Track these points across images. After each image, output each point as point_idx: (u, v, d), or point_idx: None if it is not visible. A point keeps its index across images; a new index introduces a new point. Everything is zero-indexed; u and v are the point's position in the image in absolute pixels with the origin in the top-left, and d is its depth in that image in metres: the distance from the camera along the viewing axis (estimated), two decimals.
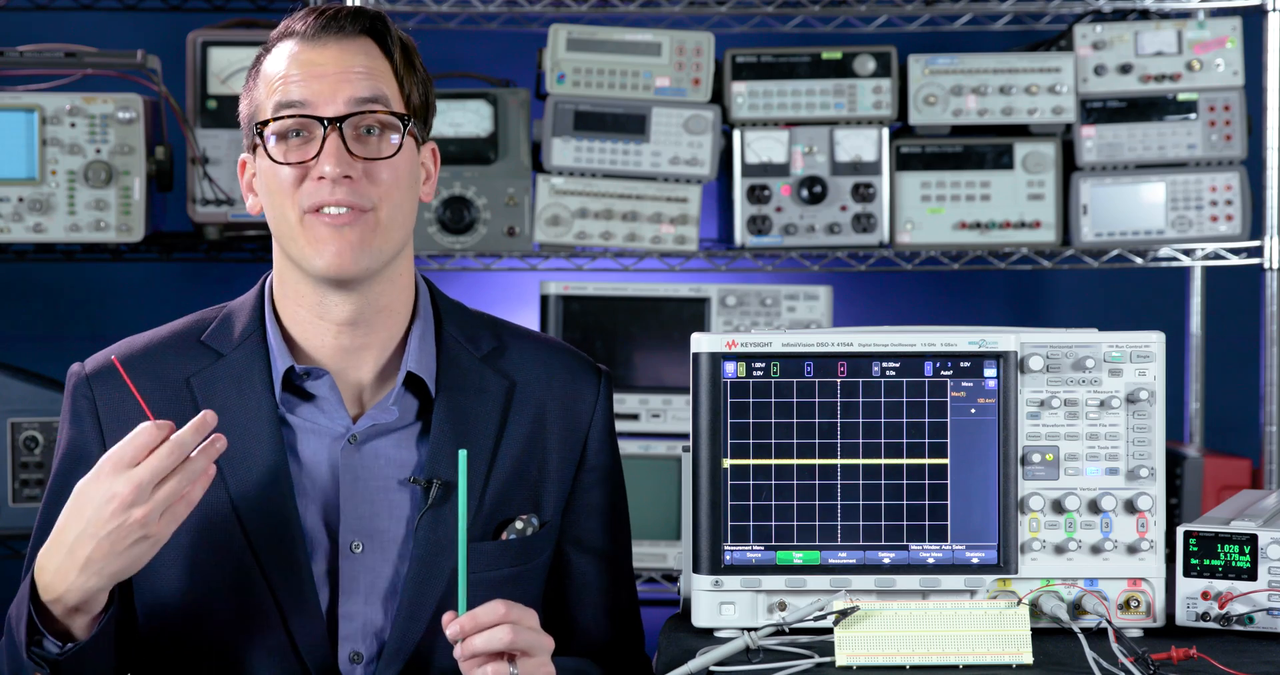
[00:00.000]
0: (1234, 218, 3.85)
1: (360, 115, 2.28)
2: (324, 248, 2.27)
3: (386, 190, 2.28)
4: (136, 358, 2.35)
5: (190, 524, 2.28)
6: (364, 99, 2.28)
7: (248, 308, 2.38)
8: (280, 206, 2.29)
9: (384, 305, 2.33)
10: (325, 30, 2.30)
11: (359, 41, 2.31)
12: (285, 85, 2.28)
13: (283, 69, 2.29)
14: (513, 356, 2.41)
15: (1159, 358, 2.35)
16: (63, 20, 4.19)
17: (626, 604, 2.48)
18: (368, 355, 2.34)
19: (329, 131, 2.26)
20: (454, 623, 2.15)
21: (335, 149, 2.26)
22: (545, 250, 3.86)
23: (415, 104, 2.33)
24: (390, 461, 2.33)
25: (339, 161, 2.25)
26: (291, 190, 2.27)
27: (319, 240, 2.27)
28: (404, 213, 2.31)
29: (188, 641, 2.30)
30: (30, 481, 3.67)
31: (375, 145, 2.29)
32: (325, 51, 2.29)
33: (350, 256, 2.27)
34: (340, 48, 2.30)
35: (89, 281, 4.36)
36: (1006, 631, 2.21)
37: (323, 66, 2.28)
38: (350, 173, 2.26)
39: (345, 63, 2.29)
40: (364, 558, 2.31)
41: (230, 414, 2.30)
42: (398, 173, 2.30)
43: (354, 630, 2.31)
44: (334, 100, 2.27)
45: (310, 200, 2.26)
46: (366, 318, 2.32)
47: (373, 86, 2.29)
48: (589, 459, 2.42)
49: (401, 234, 2.31)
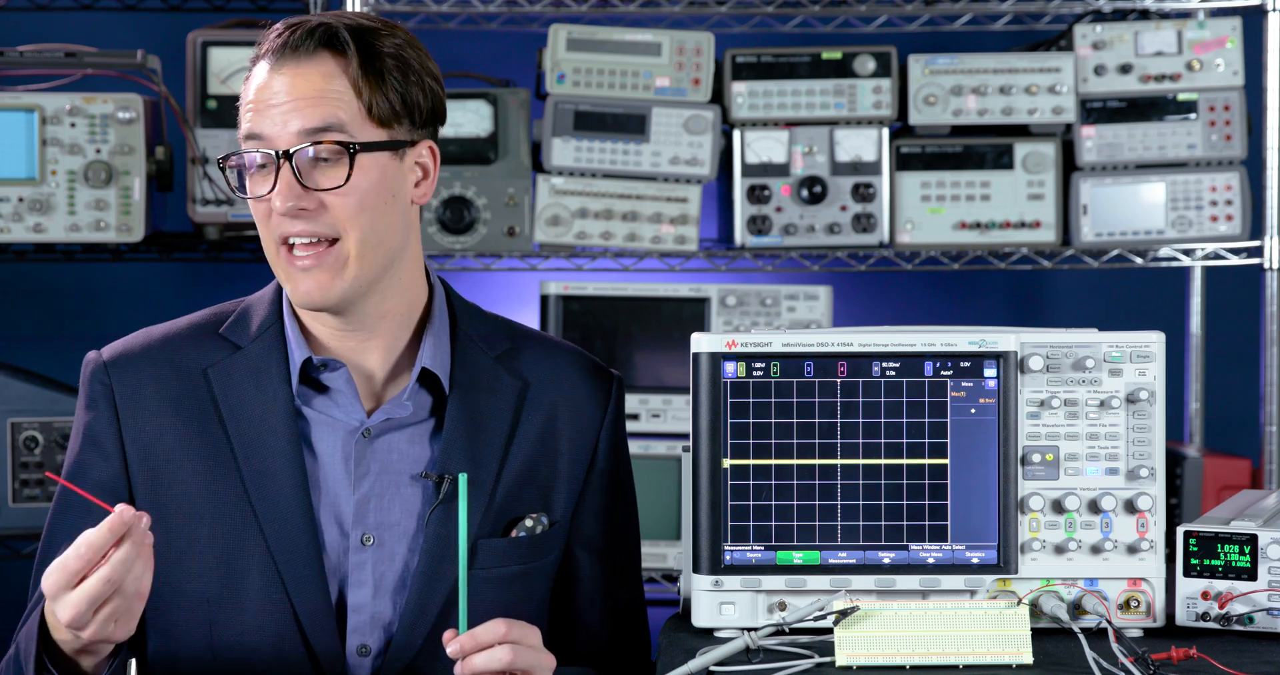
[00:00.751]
0: (1234, 218, 3.85)
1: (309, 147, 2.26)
2: (298, 283, 2.28)
3: (349, 218, 2.27)
4: (154, 347, 2.36)
5: (204, 512, 2.29)
6: (312, 130, 2.26)
7: (266, 301, 2.39)
8: (262, 235, 2.31)
9: (385, 312, 2.34)
10: (282, 52, 2.28)
11: (315, 61, 2.28)
12: (247, 115, 2.29)
13: (250, 95, 2.30)
14: (526, 358, 2.42)
15: (1159, 358, 2.35)
16: (63, 20, 4.19)
17: (632, 607, 2.48)
18: (374, 353, 2.36)
19: (281, 163, 2.26)
20: (454, 641, 2.15)
21: (285, 183, 2.26)
22: (545, 250, 3.87)
23: (383, 113, 2.29)
24: (403, 456, 2.34)
25: (289, 196, 2.25)
26: (264, 221, 2.29)
27: (291, 277, 2.29)
28: (379, 233, 2.29)
29: (198, 630, 2.31)
30: (30, 481, 3.67)
31: (331, 174, 2.27)
32: (282, 76, 2.27)
33: (321, 293, 2.28)
34: (295, 72, 2.27)
35: (89, 281, 4.36)
36: (1006, 631, 2.21)
37: (277, 95, 2.27)
38: (304, 204, 2.26)
39: (296, 90, 2.27)
40: (374, 551, 2.32)
41: (247, 405, 2.32)
42: (361, 196, 2.27)
43: (362, 623, 2.32)
44: (285, 131, 2.26)
45: (279, 231, 2.28)
46: (367, 324, 2.34)
47: (322, 115, 2.26)
48: (599, 462, 2.43)
49: (382, 254, 2.30)
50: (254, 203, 2.29)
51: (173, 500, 2.31)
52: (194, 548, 2.30)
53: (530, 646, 2.17)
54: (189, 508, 2.31)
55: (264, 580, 2.29)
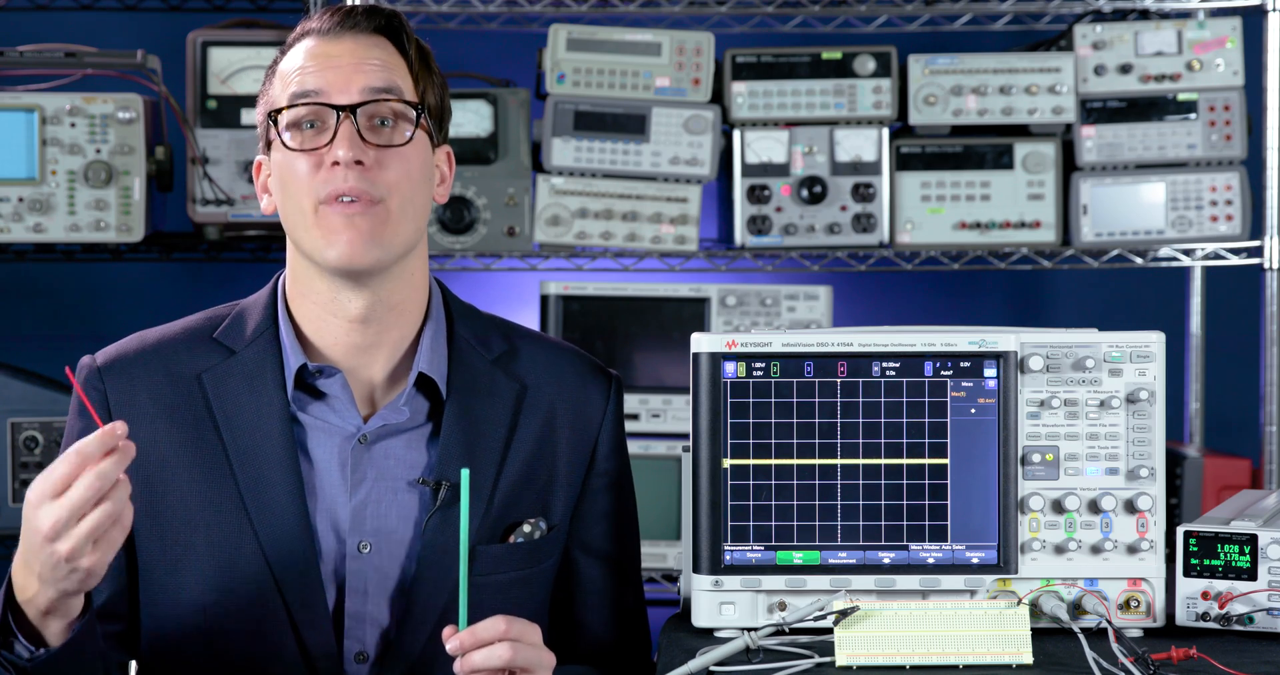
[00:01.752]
0: (1234, 218, 3.85)
1: (374, 103, 2.28)
2: (336, 238, 2.26)
3: (398, 181, 2.28)
4: (149, 352, 2.35)
5: (199, 520, 2.28)
6: (378, 89, 2.29)
7: (261, 305, 2.38)
8: (295, 198, 2.28)
9: (396, 303, 2.33)
10: (341, 25, 2.32)
11: (374, 37, 2.32)
12: (301, 76, 2.29)
13: (299, 62, 2.30)
14: (524, 360, 2.41)
15: (1159, 358, 2.35)
16: (63, 20, 4.19)
17: (633, 609, 2.48)
18: (379, 354, 2.34)
19: (343, 118, 2.26)
20: (454, 637, 2.14)
21: (349, 134, 2.26)
22: (545, 250, 3.87)
23: (431, 104, 2.34)
24: (400, 462, 2.33)
25: (352, 145, 2.26)
26: (306, 180, 2.27)
27: (332, 230, 2.26)
28: (415, 207, 2.31)
29: (194, 638, 2.30)
30: (30, 481, 3.67)
31: (388, 135, 2.29)
32: (340, 44, 2.30)
33: (362, 246, 2.26)
34: (355, 41, 2.31)
35: (89, 281, 4.36)
36: (1006, 631, 2.21)
37: (338, 57, 2.29)
38: (363, 158, 2.26)
39: (360, 54, 2.30)
40: (371, 558, 2.31)
41: (242, 411, 2.31)
42: (410, 164, 2.30)
43: (360, 630, 2.31)
44: (348, 89, 2.28)
45: (324, 189, 2.26)
46: (379, 314, 2.32)
47: (387, 78, 2.30)
48: (598, 464, 2.43)
49: (413, 228, 2.31)
50: (296, 160, 2.28)
51: (168, 508, 2.30)
52: (190, 555, 2.29)
53: (530, 644, 2.16)
54: (185, 515, 2.30)
55: (260, 588, 2.28)
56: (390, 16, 2.34)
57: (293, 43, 2.34)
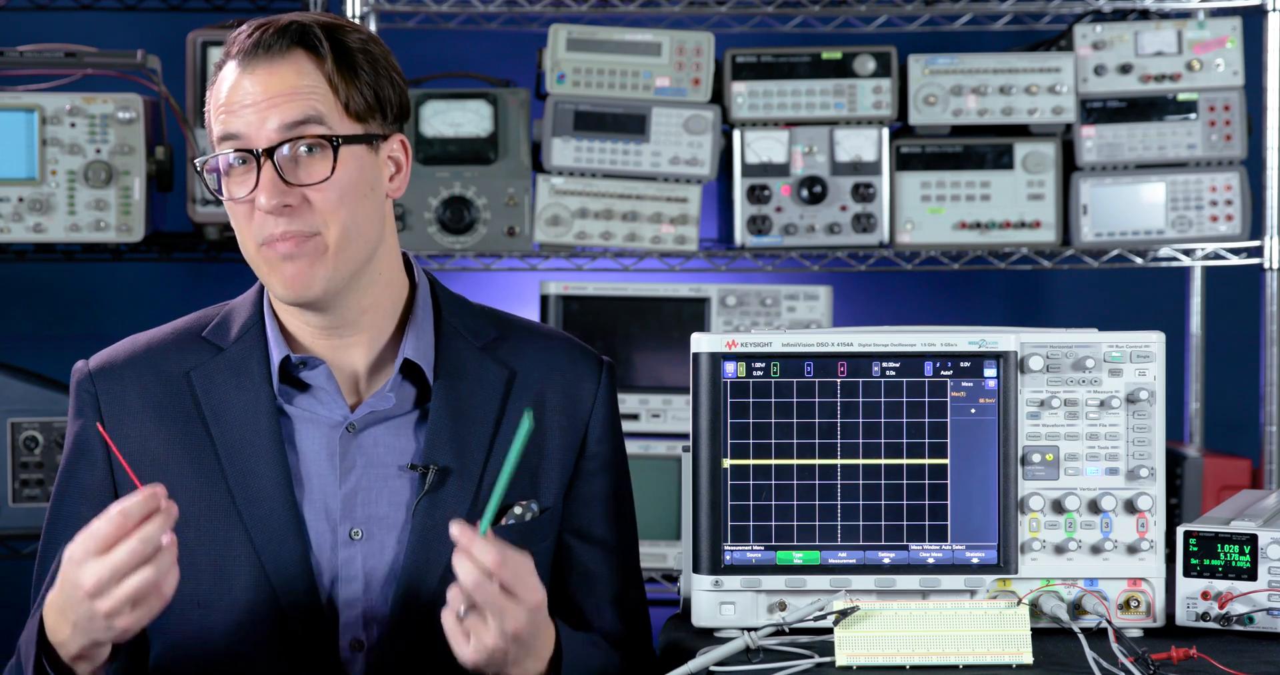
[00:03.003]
0: (1234, 218, 3.85)
1: (290, 141, 2.26)
2: (278, 276, 2.28)
3: (331, 212, 2.27)
4: (139, 354, 2.38)
5: (190, 515, 2.29)
6: (291, 124, 2.26)
7: (248, 303, 2.40)
8: (241, 239, 2.30)
9: (366, 307, 2.35)
10: (254, 53, 2.28)
11: (289, 59, 2.28)
12: (223, 116, 2.28)
13: (222, 96, 2.29)
14: (513, 346, 2.42)
15: (1159, 358, 2.35)
16: (63, 20, 4.19)
17: (631, 593, 2.47)
18: (357, 349, 2.36)
19: (262, 162, 2.25)
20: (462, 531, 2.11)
21: (269, 180, 2.25)
22: (545, 250, 3.87)
23: (359, 108, 2.30)
24: (389, 449, 2.34)
25: (274, 192, 2.25)
26: (245, 223, 2.28)
27: (274, 270, 2.28)
28: (359, 225, 2.29)
29: (188, 631, 2.31)
30: (30, 481, 3.67)
31: (310, 168, 2.27)
32: (254, 76, 2.27)
33: (303, 284, 2.27)
34: (268, 71, 2.27)
35: (89, 281, 4.36)
36: (1006, 631, 2.21)
37: (252, 94, 2.27)
38: (288, 201, 2.26)
39: (273, 88, 2.27)
40: (362, 545, 2.32)
41: (229, 406, 2.33)
42: (341, 191, 2.28)
43: (354, 618, 2.32)
44: (263, 128, 2.26)
45: (259, 234, 2.27)
46: (349, 320, 2.34)
47: (301, 108, 2.27)
48: (590, 447, 2.43)
49: (361, 247, 2.30)
50: (233, 205, 2.28)
51: None
52: (183, 551, 2.29)
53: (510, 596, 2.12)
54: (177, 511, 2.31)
55: (253, 580, 2.30)
56: (302, 29, 2.29)
57: (223, 59, 2.32)
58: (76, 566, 2.06)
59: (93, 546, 2.04)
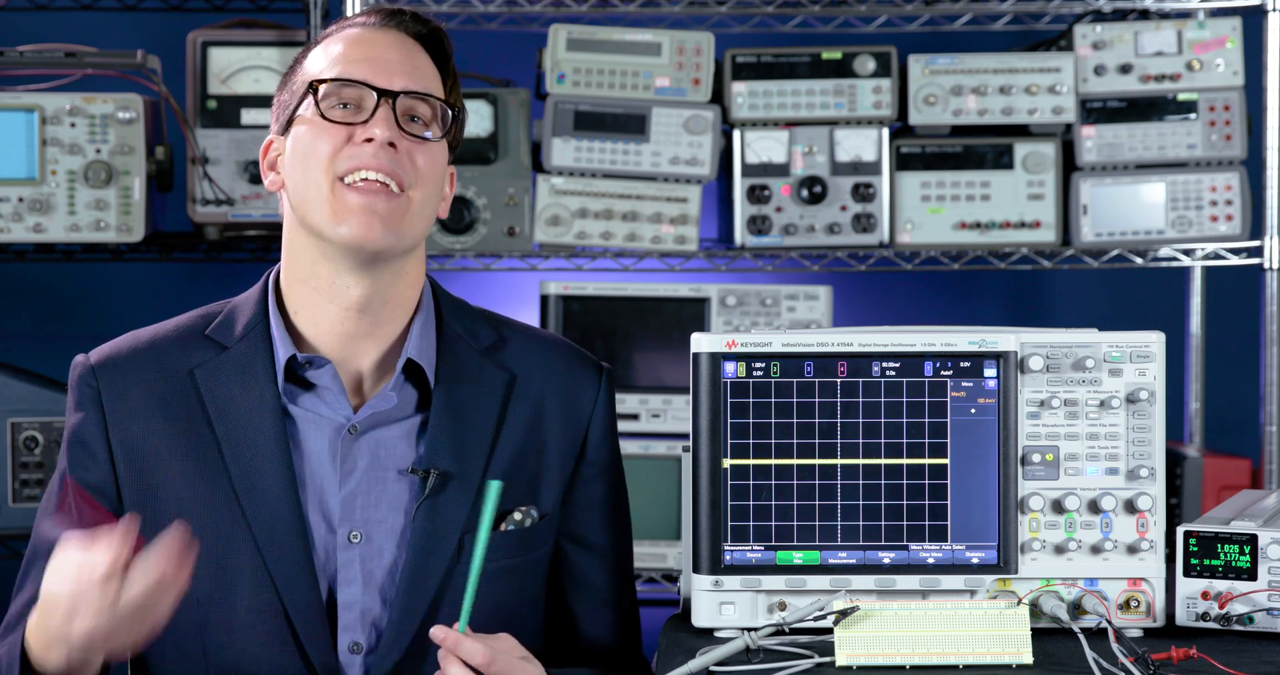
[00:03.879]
0: (1234, 218, 3.85)
1: (415, 98, 2.31)
2: (351, 217, 2.28)
3: (423, 175, 2.31)
4: (142, 349, 2.37)
5: (193, 514, 2.29)
6: (420, 91, 2.32)
7: (252, 301, 2.39)
8: (313, 172, 2.30)
9: (392, 296, 2.34)
10: (388, 24, 2.35)
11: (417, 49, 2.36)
12: (346, 63, 2.32)
13: (342, 49, 2.33)
14: (513, 350, 2.42)
15: (1159, 358, 2.35)
16: (63, 20, 4.19)
17: (626, 599, 2.48)
18: (370, 344, 2.35)
19: (382, 102, 2.29)
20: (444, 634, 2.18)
21: (386, 116, 2.29)
22: (545, 250, 3.87)
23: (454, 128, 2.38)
24: (390, 452, 2.34)
25: (389, 126, 2.29)
26: (330, 155, 2.29)
27: (347, 209, 2.28)
28: (431, 205, 2.34)
29: (189, 631, 2.31)
30: (30, 481, 3.67)
31: (420, 130, 2.32)
32: (386, 36, 2.34)
33: (378, 229, 2.28)
34: (400, 40, 2.35)
35: (89, 281, 4.36)
36: (1006, 631, 2.21)
37: (384, 49, 2.33)
38: (396, 142, 2.29)
39: (404, 52, 2.34)
40: (362, 548, 2.32)
41: (234, 405, 2.32)
42: (434, 164, 2.33)
43: (353, 620, 2.32)
44: (391, 81, 2.31)
45: (349, 163, 2.28)
46: (375, 306, 2.33)
47: (426, 84, 2.33)
48: (589, 453, 2.43)
49: (424, 226, 2.33)
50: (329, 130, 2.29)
51: (162, 502, 2.31)
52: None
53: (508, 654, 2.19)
54: (178, 509, 2.30)
55: (254, 580, 2.30)
56: (436, 29, 2.38)
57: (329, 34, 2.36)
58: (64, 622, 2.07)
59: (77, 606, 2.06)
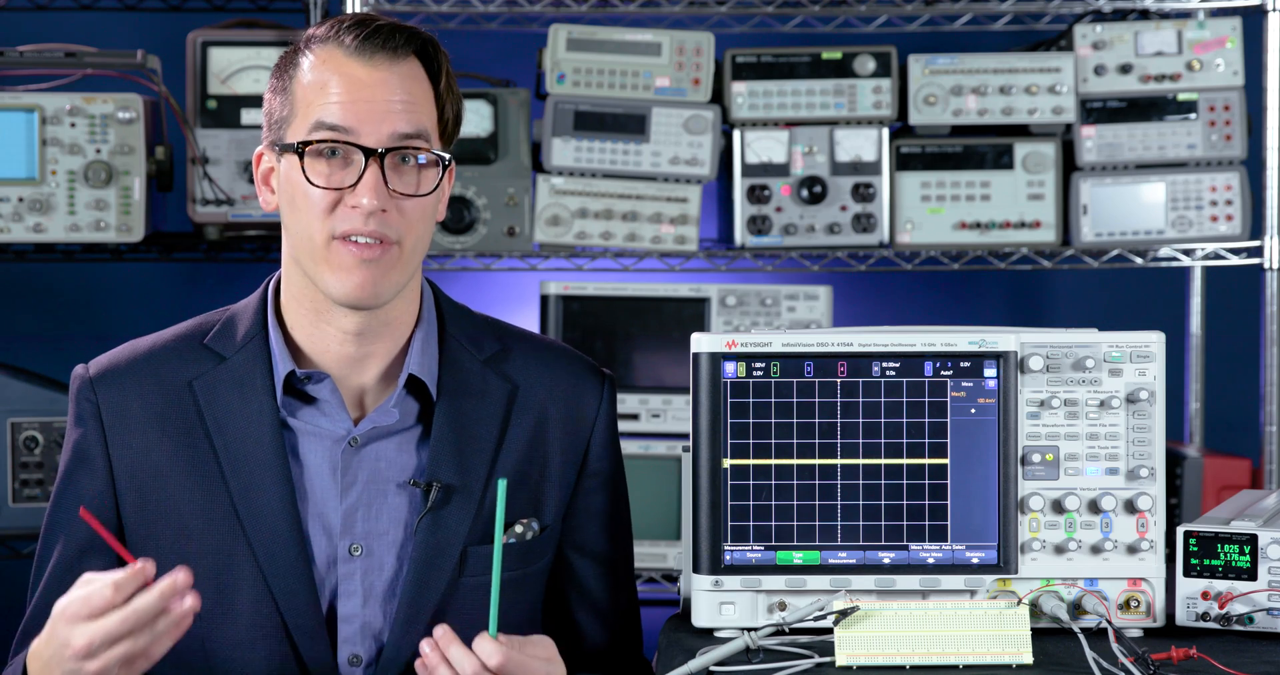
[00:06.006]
0: (1234, 218, 3.85)
1: (408, 151, 2.26)
2: (347, 277, 2.25)
3: (413, 224, 2.27)
4: (140, 361, 2.35)
5: (193, 528, 2.28)
6: (408, 135, 2.26)
7: (251, 310, 2.37)
8: (306, 226, 2.26)
9: (391, 318, 2.33)
10: (375, 46, 2.26)
11: (408, 64, 2.28)
12: (328, 104, 2.25)
13: (326, 81, 2.25)
14: (515, 360, 2.41)
15: (1159, 358, 2.35)
16: (63, 20, 4.19)
17: (626, 608, 2.48)
18: (371, 362, 2.34)
19: (370, 163, 2.24)
20: (436, 641, 2.17)
21: (375, 182, 2.24)
22: (545, 250, 3.87)
23: (449, 129, 2.33)
24: (391, 464, 2.33)
25: (377, 194, 2.23)
26: (323, 214, 2.25)
27: (343, 268, 2.25)
28: (424, 243, 2.31)
29: (189, 644, 2.30)
30: (30, 481, 3.67)
31: (413, 179, 2.27)
32: (374, 73, 2.25)
33: (371, 289, 2.26)
34: (390, 71, 2.26)
35: (89, 281, 4.36)
36: (1006, 631, 2.21)
37: (370, 90, 2.25)
38: (386, 206, 2.25)
39: (393, 90, 2.25)
40: (363, 560, 2.31)
41: (232, 417, 2.31)
42: (427, 209, 2.29)
43: (353, 633, 2.31)
44: (378, 131, 2.24)
45: (342, 227, 2.24)
46: (374, 329, 2.32)
47: (417, 122, 2.27)
48: (591, 463, 2.42)
49: (419, 258, 2.31)
50: (312, 192, 2.25)
51: (162, 516, 2.31)
52: (184, 563, 2.29)
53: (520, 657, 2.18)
54: (178, 523, 2.30)
55: (254, 593, 2.29)
56: (427, 41, 2.29)
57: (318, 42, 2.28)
58: (68, 626, 2.04)
59: (85, 612, 2.03)
